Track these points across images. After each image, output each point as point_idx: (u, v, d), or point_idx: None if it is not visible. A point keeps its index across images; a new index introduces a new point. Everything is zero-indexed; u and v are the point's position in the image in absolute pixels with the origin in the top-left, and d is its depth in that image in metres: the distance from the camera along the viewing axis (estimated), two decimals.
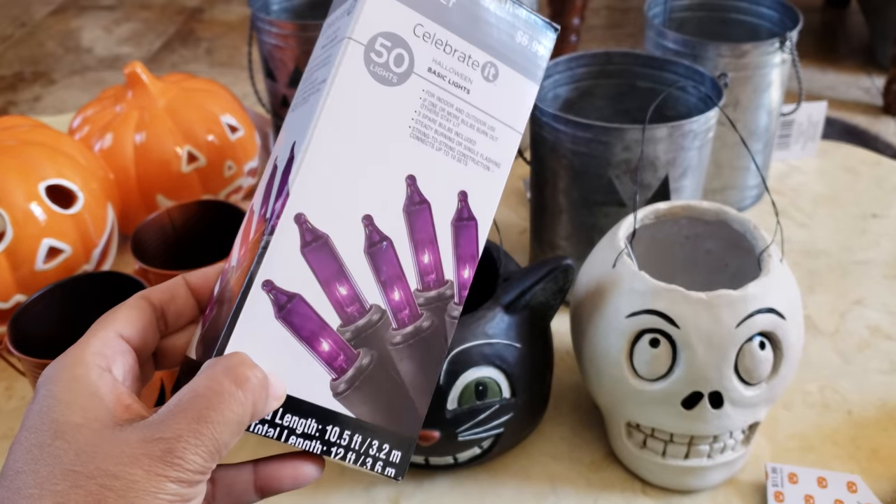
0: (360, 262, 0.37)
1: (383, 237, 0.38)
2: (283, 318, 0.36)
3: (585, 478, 0.68)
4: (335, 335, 0.37)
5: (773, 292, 0.60)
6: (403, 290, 0.38)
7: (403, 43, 0.39)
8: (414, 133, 0.39)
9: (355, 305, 0.37)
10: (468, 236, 0.40)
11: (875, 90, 1.80)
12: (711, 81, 0.79)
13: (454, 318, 0.40)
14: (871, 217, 0.99)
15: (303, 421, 0.36)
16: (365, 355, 0.38)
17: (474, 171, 0.40)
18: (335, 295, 0.37)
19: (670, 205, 0.68)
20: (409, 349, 0.39)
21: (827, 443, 0.70)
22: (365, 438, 0.38)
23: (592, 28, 2.10)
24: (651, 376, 0.61)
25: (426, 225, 0.39)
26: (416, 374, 0.39)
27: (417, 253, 0.39)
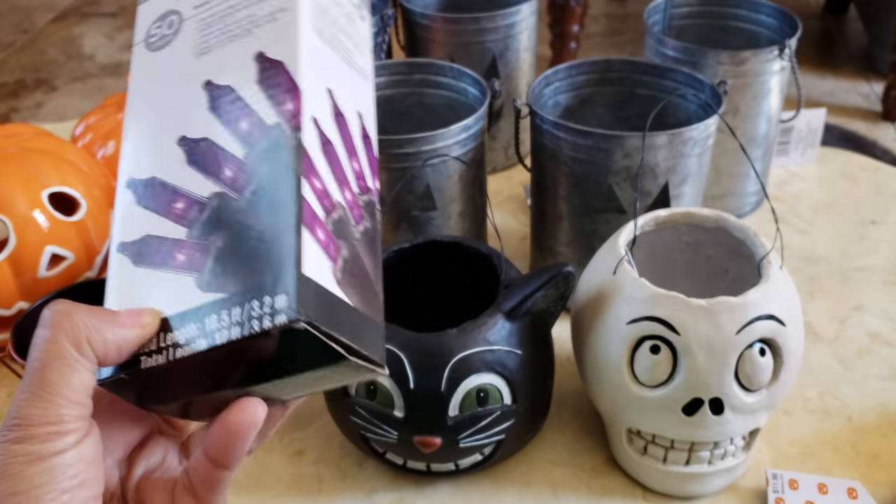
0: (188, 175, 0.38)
1: (198, 140, 0.39)
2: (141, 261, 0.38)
3: (586, 484, 0.68)
4: (186, 243, 0.37)
5: (773, 299, 0.60)
6: (233, 164, 0.38)
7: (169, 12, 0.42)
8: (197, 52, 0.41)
9: (193, 208, 0.37)
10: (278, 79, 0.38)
11: (874, 96, 1.81)
12: (711, 89, 0.79)
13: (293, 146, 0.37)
14: (871, 223, 0.99)
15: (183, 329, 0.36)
16: (217, 239, 0.36)
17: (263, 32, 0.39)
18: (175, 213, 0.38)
19: (671, 212, 0.68)
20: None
21: (827, 449, 0.70)
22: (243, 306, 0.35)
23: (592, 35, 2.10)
24: (652, 383, 0.61)
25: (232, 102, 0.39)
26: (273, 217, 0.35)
27: (234, 128, 0.38)
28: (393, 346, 0.61)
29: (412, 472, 0.67)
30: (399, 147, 0.75)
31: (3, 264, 0.75)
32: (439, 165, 0.77)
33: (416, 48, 1.02)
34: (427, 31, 0.99)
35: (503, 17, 0.96)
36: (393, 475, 0.69)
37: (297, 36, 0.38)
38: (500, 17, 0.96)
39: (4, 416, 0.74)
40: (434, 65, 0.89)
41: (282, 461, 0.71)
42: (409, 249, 0.70)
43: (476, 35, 0.97)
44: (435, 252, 0.71)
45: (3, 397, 0.79)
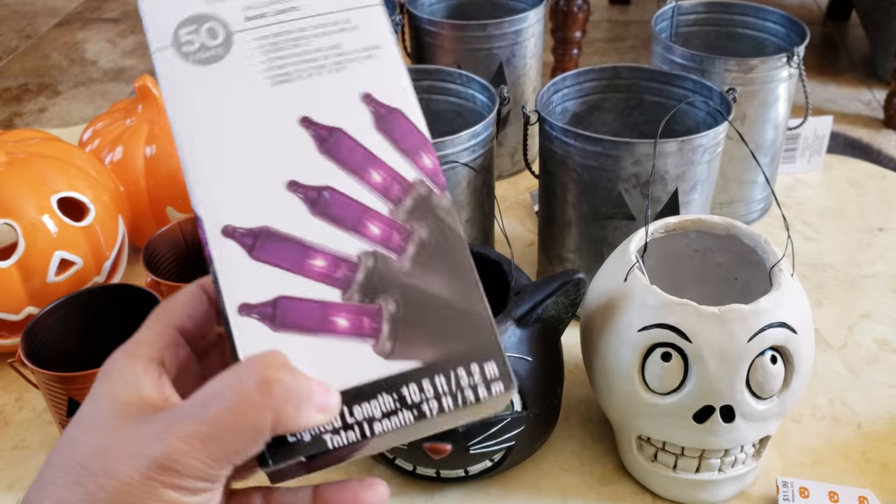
0: (315, 226, 0.34)
1: (319, 189, 0.35)
2: (281, 326, 0.33)
3: (596, 491, 0.68)
4: (344, 306, 0.34)
5: (784, 307, 0.60)
6: (378, 220, 0.35)
7: (205, 17, 0.37)
8: (276, 80, 0.36)
9: (343, 267, 0.34)
10: (401, 128, 0.36)
11: (876, 104, 1.81)
12: (720, 96, 0.79)
13: (446, 208, 0.35)
14: (878, 231, 0.99)
15: (375, 402, 0.33)
16: (387, 302, 0.34)
17: (360, 69, 0.37)
18: (314, 271, 0.34)
19: (681, 219, 0.68)
20: (426, 266, 0.35)
21: (837, 456, 0.70)
22: (448, 375, 0.33)
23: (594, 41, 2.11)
24: (662, 390, 0.61)
25: (352, 148, 0.36)
26: (450, 283, 0.34)
27: (364, 178, 0.35)
28: None
29: (421, 478, 0.67)
30: None
31: (12, 269, 0.75)
32: (448, 172, 0.77)
33: (423, 55, 1.02)
34: (434, 38, 0.99)
35: (510, 24, 0.97)
36: (402, 481, 0.69)
37: (403, 79, 0.37)
38: (508, 24, 0.96)
39: (4, 422, 0.74)
40: (442, 71, 0.89)
41: None
42: None
43: (483, 42, 0.97)
44: None
45: (12, 402, 0.79)
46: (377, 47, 0.37)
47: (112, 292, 0.70)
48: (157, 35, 0.37)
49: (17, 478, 0.71)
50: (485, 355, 0.33)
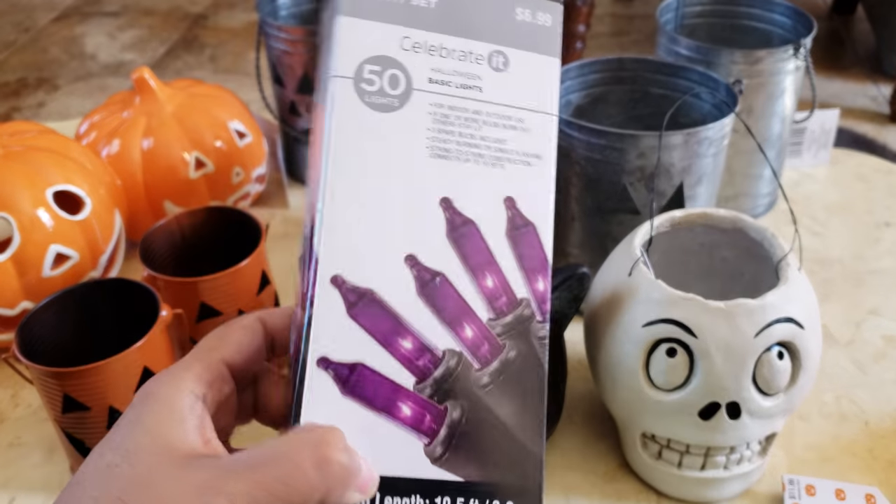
0: (416, 308, 0.34)
1: (434, 273, 0.34)
2: (351, 392, 0.33)
3: (600, 489, 0.67)
4: (413, 395, 0.33)
5: (791, 302, 0.59)
6: (475, 325, 0.34)
7: (393, 62, 0.35)
8: (434, 152, 0.35)
9: (426, 357, 0.34)
10: (530, 244, 0.36)
11: (881, 98, 1.80)
12: (726, 88, 0.78)
13: (542, 338, 0.35)
14: (885, 226, 0.98)
15: (406, 500, 0.32)
16: (454, 408, 0.33)
17: (515, 172, 0.36)
18: (400, 351, 0.33)
19: (686, 212, 0.67)
20: (502, 387, 0.34)
21: (844, 454, 0.69)
22: (483, 501, 0.33)
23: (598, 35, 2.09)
24: (668, 386, 0.60)
25: (478, 246, 0.35)
26: (518, 413, 0.34)
27: (478, 279, 0.35)
28: None
29: None
30: None
31: (7, 263, 0.74)
32: None
33: None
34: None
35: None
36: None
37: (550, 198, 0.36)
38: None
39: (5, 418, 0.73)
40: None
41: None
42: None
43: None
44: None
45: (7, 399, 0.78)
46: (538, 157, 0.36)
47: (108, 287, 0.69)
48: (343, 62, 0.35)
49: (13, 475, 0.70)
50: (524, 498, 0.33)
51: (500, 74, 0.37)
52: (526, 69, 0.37)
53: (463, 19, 0.37)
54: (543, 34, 0.38)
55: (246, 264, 0.71)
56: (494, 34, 0.37)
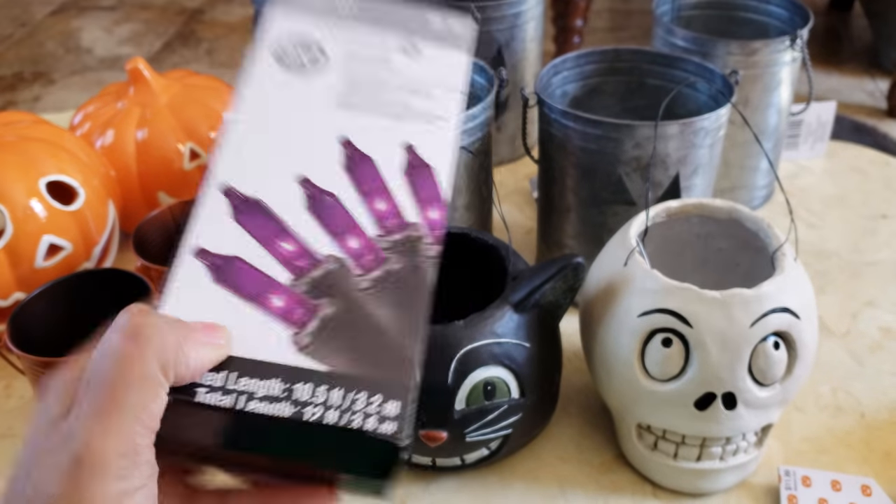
0: (303, 220, 0.37)
1: (325, 193, 0.38)
2: (223, 280, 0.35)
3: (595, 480, 0.67)
4: (287, 289, 0.35)
5: (787, 292, 0.59)
6: (361, 238, 0.37)
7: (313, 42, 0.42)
8: (341, 104, 0.40)
9: (306, 259, 0.36)
10: (426, 181, 0.39)
11: (879, 93, 1.80)
12: (722, 79, 0.78)
13: (431, 256, 0.38)
14: (881, 218, 0.98)
15: (263, 382, 0.33)
16: (328, 305, 0.35)
17: (417, 127, 0.41)
18: (280, 252, 0.36)
19: (682, 203, 0.67)
20: (382, 293, 0.36)
21: (840, 445, 0.69)
22: (347, 391, 0.33)
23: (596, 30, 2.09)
24: (663, 377, 0.60)
25: (373, 176, 0.39)
26: (395, 318, 0.35)
27: (369, 202, 0.38)
28: None
29: (417, 467, 0.66)
30: None
31: (0, 254, 0.74)
32: None
33: None
34: None
35: (509, 7, 0.95)
36: None
37: (449, 152, 0.41)
38: (507, 6, 0.95)
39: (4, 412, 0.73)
40: None
41: None
42: None
43: (482, 24, 0.95)
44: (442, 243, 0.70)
45: (2, 388, 0.77)
46: (441, 119, 0.41)
47: (101, 276, 0.69)
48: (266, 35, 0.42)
49: (5, 466, 0.69)
50: (393, 394, 0.33)
51: (410, 59, 0.43)
52: (435, 58, 0.43)
53: (380, 18, 0.43)
54: (453, 36, 0.44)
55: None
56: (408, 30, 0.43)
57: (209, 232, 0.36)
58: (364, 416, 0.32)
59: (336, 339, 0.34)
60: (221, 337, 0.33)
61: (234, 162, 0.38)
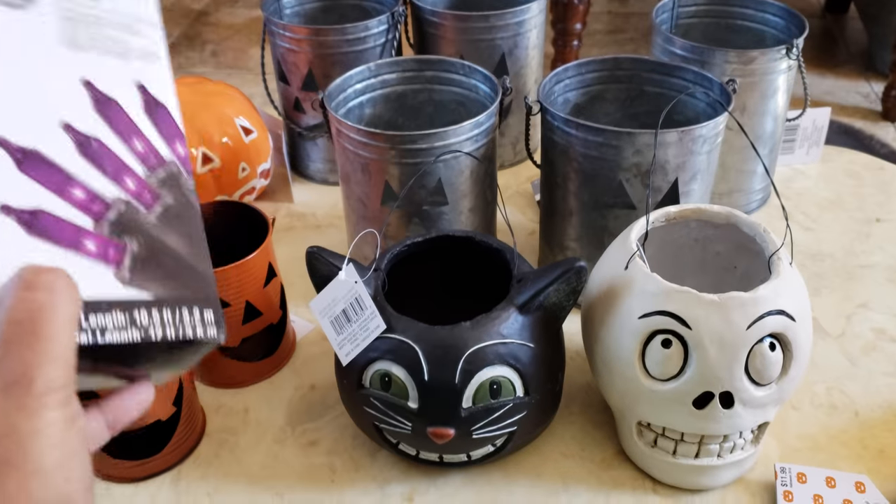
0: (81, 165, 0.39)
1: (90, 137, 0.39)
2: (37, 233, 0.36)
3: (596, 476, 0.69)
4: (95, 234, 0.38)
5: (783, 295, 0.61)
6: (135, 178, 0.40)
7: None
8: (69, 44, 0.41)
9: (97, 203, 0.39)
10: (164, 119, 0.42)
11: (874, 96, 1.82)
12: (720, 87, 0.80)
13: (191, 189, 0.42)
14: (875, 221, 1.00)
15: (109, 315, 0.37)
16: (132, 242, 0.39)
17: (141, 65, 0.42)
18: (74, 199, 0.38)
19: (681, 208, 0.69)
20: (168, 225, 0.40)
21: (834, 443, 0.71)
22: (173, 310, 0.39)
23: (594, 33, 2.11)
24: (663, 376, 0.62)
25: (123, 118, 0.41)
26: (187, 245, 0.40)
27: (128, 143, 0.41)
28: (407, 339, 0.62)
29: (424, 462, 0.68)
30: (412, 143, 0.76)
31: None
32: (451, 161, 0.78)
33: (426, 45, 1.02)
34: (437, 29, 0.99)
35: (513, 15, 0.97)
36: (405, 466, 0.70)
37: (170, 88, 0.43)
38: (510, 15, 0.97)
39: None
40: (445, 62, 0.90)
41: (295, 451, 0.72)
42: (423, 243, 0.71)
43: (485, 33, 0.98)
44: (448, 246, 0.72)
45: None
46: (157, 57, 0.44)
47: None
48: None
49: None
50: (205, 304, 0.40)
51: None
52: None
53: None
54: None
55: (253, 257, 0.73)
56: None
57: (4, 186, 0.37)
58: (192, 327, 0.39)
59: (148, 270, 0.39)
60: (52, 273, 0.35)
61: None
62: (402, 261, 0.71)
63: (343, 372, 0.66)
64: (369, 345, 0.63)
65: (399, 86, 0.91)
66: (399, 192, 0.79)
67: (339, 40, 0.95)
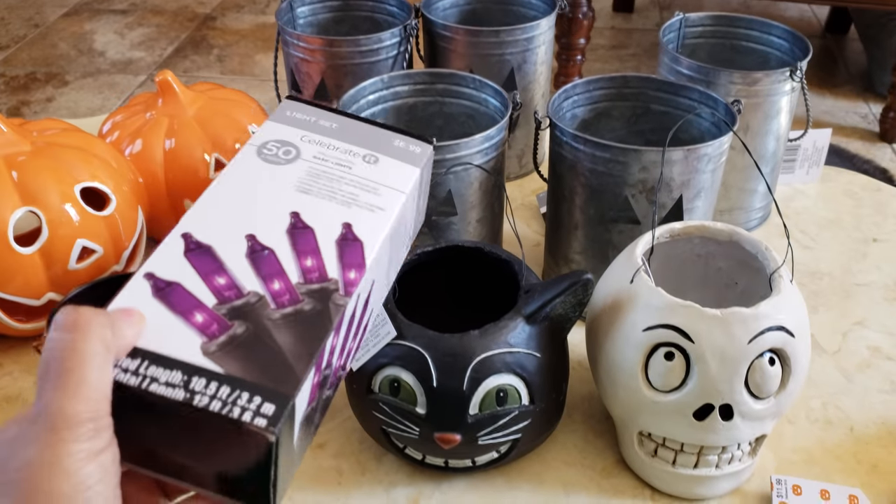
0: (241, 264, 0.44)
1: (265, 247, 0.46)
2: (160, 297, 0.42)
3: (597, 484, 0.71)
4: (210, 310, 0.42)
5: (784, 311, 0.62)
6: (284, 282, 0.44)
7: (291, 144, 0.52)
8: (300, 188, 0.49)
9: (233, 291, 0.43)
10: (353, 252, 0.47)
11: (872, 117, 1.84)
12: (725, 107, 0.82)
13: (339, 305, 0.44)
14: (872, 241, 1.02)
15: (167, 371, 0.38)
16: (239, 326, 0.41)
17: (358, 212, 0.49)
18: (214, 284, 0.43)
19: (685, 224, 0.71)
20: (289, 324, 0.42)
21: (829, 457, 0.73)
22: (233, 390, 0.38)
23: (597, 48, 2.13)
24: (665, 388, 0.64)
25: (309, 242, 0.46)
26: (295, 344, 0.41)
27: (300, 258, 0.45)
28: (417, 346, 0.64)
29: (430, 467, 0.69)
30: None
31: (35, 256, 0.78)
32: (461, 173, 0.80)
33: (436, 59, 1.04)
34: (448, 42, 1.01)
35: (522, 31, 0.99)
36: (411, 470, 0.72)
37: (382, 231, 0.49)
38: (520, 31, 0.99)
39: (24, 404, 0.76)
40: (456, 75, 0.92)
41: None
42: (433, 253, 0.73)
43: (495, 48, 0.99)
44: (457, 256, 0.74)
45: (31, 385, 0.81)
46: (381, 209, 0.50)
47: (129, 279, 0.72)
48: (256, 137, 0.53)
49: None
50: (272, 398, 0.39)
51: (369, 165, 0.52)
52: (390, 167, 0.53)
53: (354, 135, 0.54)
54: (412, 155, 0.54)
55: None
56: (374, 146, 0.54)
57: (160, 261, 0.44)
58: (241, 409, 0.38)
59: (238, 351, 0.40)
60: (136, 316, 0.39)
61: (200, 216, 0.46)
62: (412, 270, 0.72)
63: (353, 376, 0.68)
64: (379, 351, 0.65)
65: (410, 98, 0.93)
66: None
67: (352, 51, 0.97)
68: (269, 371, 0.40)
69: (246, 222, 0.47)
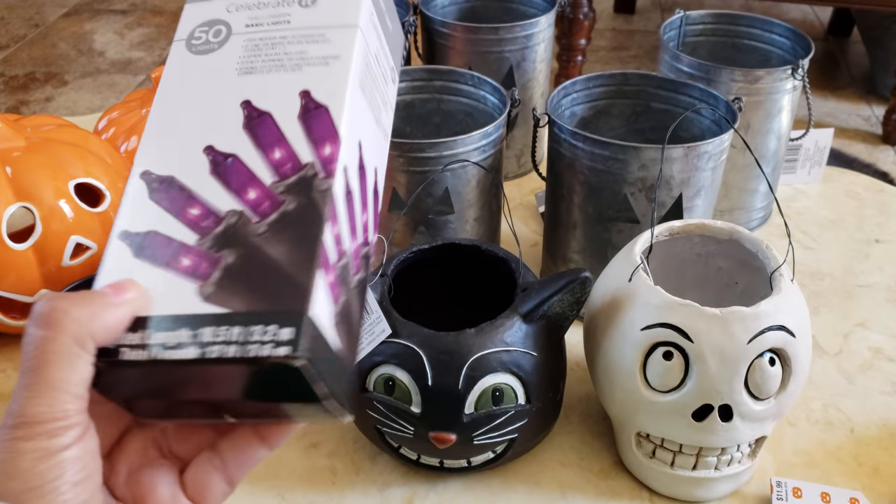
0: (208, 184, 0.40)
1: (226, 155, 0.40)
2: (142, 255, 0.38)
3: (594, 485, 0.70)
4: (194, 249, 0.38)
5: (784, 311, 0.62)
6: (258, 188, 0.39)
7: (219, 21, 0.45)
8: (242, 71, 0.43)
9: (210, 219, 0.39)
10: (321, 122, 0.41)
11: (874, 119, 1.83)
12: (726, 105, 0.81)
13: (324, 190, 0.39)
14: (874, 242, 1.01)
15: (172, 333, 0.36)
16: (229, 254, 0.38)
17: (312, 72, 0.42)
18: (188, 217, 0.39)
19: (685, 223, 0.70)
20: (278, 233, 0.38)
21: (830, 459, 0.72)
22: (244, 326, 0.35)
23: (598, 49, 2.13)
24: (663, 388, 0.63)
25: (270, 129, 0.41)
26: (291, 252, 0.37)
27: (266, 154, 0.40)
28: (412, 344, 0.63)
29: (425, 467, 0.69)
30: (421, 151, 0.77)
31: (29, 252, 0.77)
32: (458, 170, 0.79)
33: (435, 56, 1.03)
34: (446, 40, 1.00)
35: (521, 29, 0.98)
36: (405, 470, 0.71)
37: (345, 85, 0.41)
38: (519, 28, 0.98)
39: None
40: (455, 72, 0.91)
41: (297, 453, 0.73)
42: (429, 251, 0.72)
43: (494, 45, 0.99)
44: (453, 254, 0.73)
45: None
46: (336, 58, 0.42)
47: None
48: (179, 31, 0.45)
49: None
50: (286, 321, 0.35)
51: (307, 9, 0.44)
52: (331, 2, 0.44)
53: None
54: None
55: None
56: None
57: (129, 215, 0.39)
58: (259, 344, 0.34)
59: (236, 283, 0.37)
60: (128, 292, 0.36)
61: (152, 146, 0.41)
62: (407, 267, 0.72)
63: None
64: (374, 349, 0.64)
65: (408, 95, 0.92)
66: (406, 199, 0.80)
67: None
68: (274, 292, 0.36)
69: (199, 134, 0.41)
